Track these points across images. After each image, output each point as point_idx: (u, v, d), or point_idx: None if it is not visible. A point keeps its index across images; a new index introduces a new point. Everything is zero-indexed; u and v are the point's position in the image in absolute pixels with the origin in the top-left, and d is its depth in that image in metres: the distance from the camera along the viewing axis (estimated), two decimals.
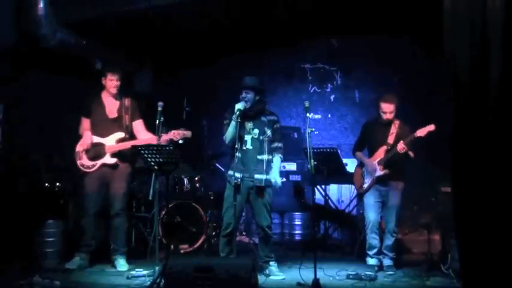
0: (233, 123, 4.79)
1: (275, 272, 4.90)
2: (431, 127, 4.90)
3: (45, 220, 5.19)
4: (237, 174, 4.85)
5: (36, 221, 5.21)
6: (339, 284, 4.69)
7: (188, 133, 5.04)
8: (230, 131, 4.85)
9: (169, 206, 5.90)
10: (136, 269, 5.03)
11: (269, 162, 4.94)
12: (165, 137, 5.00)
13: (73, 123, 5.45)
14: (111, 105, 5.32)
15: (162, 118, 4.87)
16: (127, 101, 5.36)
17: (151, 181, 5.97)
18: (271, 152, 4.97)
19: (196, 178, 6.50)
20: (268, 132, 4.94)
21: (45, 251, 5.08)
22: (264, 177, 4.88)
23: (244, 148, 4.89)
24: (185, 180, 6.44)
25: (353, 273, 4.85)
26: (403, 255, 5.66)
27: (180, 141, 4.93)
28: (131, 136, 5.30)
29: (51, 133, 6.14)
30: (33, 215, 5.46)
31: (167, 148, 4.67)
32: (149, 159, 4.74)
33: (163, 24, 6.48)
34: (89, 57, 6.53)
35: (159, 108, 4.84)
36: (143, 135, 5.27)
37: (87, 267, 5.20)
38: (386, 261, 5.21)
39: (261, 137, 4.91)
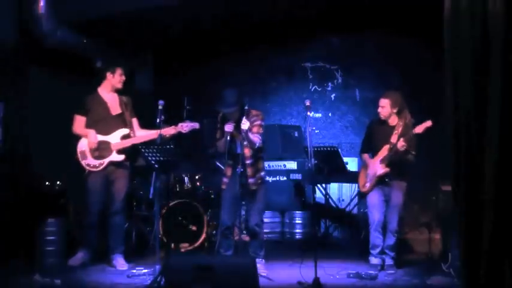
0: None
1: (259, 269, 4.89)
2: (428, 123, 4.92)
3: (45, 219, 5.19)
4: (230, 162, 4.99)
5: (36, 220, 5.21)
6: (340, 283, 4.68)
7: (196, 125, 5.04)
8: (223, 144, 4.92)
9: (170, 204, 5.89)
10: (137, 268, 5.03)
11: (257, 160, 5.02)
12: (169, 131, 5.02)
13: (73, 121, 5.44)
14: (112, 102, 5.31)
15: (162, 117, 4.88)
16: (124, 98, 5.39)
17: (152, 179, 6.00)
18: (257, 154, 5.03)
19: (197, 177, 6.50)
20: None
21: (45, 249, 5.08)
22: (261, 173, 4.97)
23: (236, 153, 4.97)
24: (186, 179, 6.44)
25: (354, 272, 4.85)
26: (403, 255, 5.66)
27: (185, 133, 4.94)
28: (133, 132, 5.31)
29: (52, 131, 6.14)
30: (33, 213, 5.46)
31: (168, 147, 4.68)
32: (150, 158, 4.74)
33: (164, 23, 6.48)
34: (89, 55, 6.53)
35: (160, 107, 4.84)
36: (143, 132, 5.29)
37: (89, 264, 5.21)
38: (387, 261, 5.22)
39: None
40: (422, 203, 6.75)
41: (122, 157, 5.19)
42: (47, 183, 6.00)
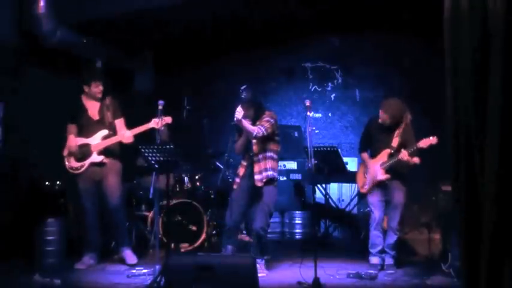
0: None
1: (258, 269, 4.89)
2: (433, 140, 4.91)
3: (45, 219, 5.19)
4: (244, 163, 5.10)
5: (36, 220, 5.22)
6: (340, 283, 4.69)
7: (169, 119, 5.07)
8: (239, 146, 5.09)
9: (170, 204, 5.89)
10: (137, 268, 5.04)
11: (266, 159, 5.03)
12: (142, 128, 5.10)
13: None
14: (92, 108, 5.37)
15: (162, 117, 4.88)
16: (107, 100, 5.40)
17: (152, 179, 6.01)
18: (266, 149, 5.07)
19: (197, 177, 6.50)
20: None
21: (45, 249, 5.08)
22: (268, 173, 4.98)
23: (251, 154, 5.06)
24: (186, 178, 6.44)
25: (353, 272, 4.86)
26: (403, 255, 5.66)
27: (162, 128, 4.96)
28: (115, 133, 5.34)
29: (52, 131, 6.14)
30: (33, 213, 5.47)
31: (168, 147, 4.69)
32: (150, 158, 4.75)
33: (164, 23, 6.47)
34: (89, 55, 6.53)
35: (160, 107, 4.85)
36: (127, 132, 5.32)
37: (96, 266, 5.25)
38: (388, 260, 5.22)
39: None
40: (422, 203, 6.74)
41: (101, 157, 5.24)
42: (47, 183, 6.00)
